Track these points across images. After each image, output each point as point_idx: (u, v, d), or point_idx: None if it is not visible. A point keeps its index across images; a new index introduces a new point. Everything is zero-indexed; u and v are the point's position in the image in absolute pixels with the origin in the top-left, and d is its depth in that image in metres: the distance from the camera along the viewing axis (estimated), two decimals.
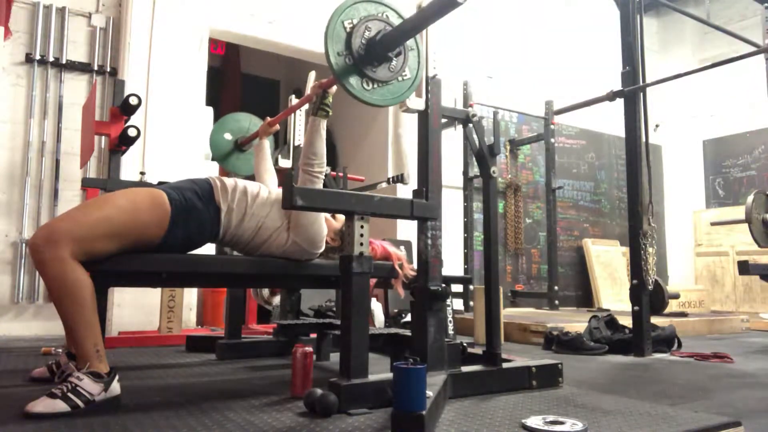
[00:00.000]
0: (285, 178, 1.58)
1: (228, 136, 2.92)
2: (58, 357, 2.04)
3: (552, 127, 5.45)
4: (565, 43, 6.35)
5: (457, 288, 4.36)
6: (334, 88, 2.00)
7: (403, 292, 2.22)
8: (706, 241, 6.78)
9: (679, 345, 3.23)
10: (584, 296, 6.08)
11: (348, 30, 1.60)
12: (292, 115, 3.06)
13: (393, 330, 2.44)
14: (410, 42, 1.73)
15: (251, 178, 2.55)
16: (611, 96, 3.53)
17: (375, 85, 1.64)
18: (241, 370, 2.37)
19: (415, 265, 2.04)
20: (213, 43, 4.70)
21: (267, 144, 2.72)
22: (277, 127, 2.75)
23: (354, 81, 1.60)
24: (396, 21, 1.70)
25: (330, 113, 2.02)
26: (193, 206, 1.88)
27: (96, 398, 1.56)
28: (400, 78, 1.69)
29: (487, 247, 2.10)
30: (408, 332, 2.21)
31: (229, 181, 2.03)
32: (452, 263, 4.48)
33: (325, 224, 2.09)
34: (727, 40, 5.29)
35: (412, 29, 1.62)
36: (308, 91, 2.60)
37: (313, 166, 1.99)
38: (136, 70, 3.87)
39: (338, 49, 1.58)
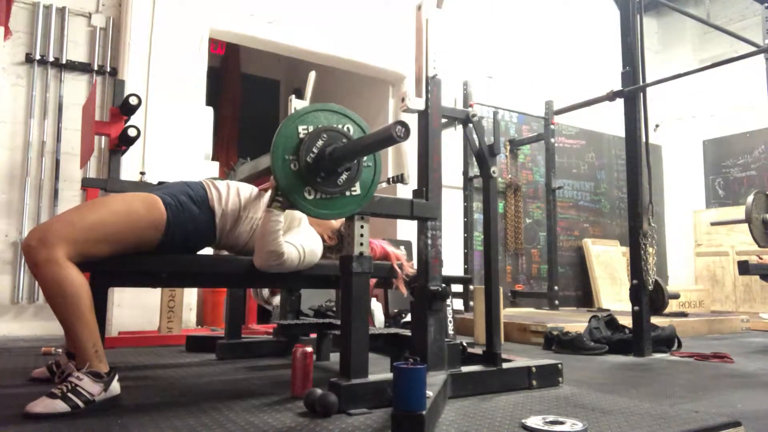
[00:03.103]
0: None
1: None
2: (58, 357, 2.04)
3: (552, 127, 5.45)
4: (565, 43, 6.35)
5: (457, 288, 4.36)
6: None
7: (405, 291, 2.22)
8: (706, 241, 6.78)
9: (679, 345, 3.23)
10: (584, 296, 6.08)
11: (301, 136, 1.54)
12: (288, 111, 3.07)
13: (393, 330, 2.44)
14: (368, 158, 1.64)
15: None
16: (611, 96, 3.53)
17: (318, 195, 1.55)
18: (241, 370, 2.37)
19: (415, 265, 2.03)
20: (213, 43, 4.70)
21: None
22: None
23: (295, 188, 1.52)
24: (356, 133, 1.63)
25: (285, 207, 1.88)
26: (189, 211, 1.88)
27: (96, 398, 1.56)
28: (348, 193, 1.60)
29: (487, 247, 2.10)
30: (408, 332, 2.21)
31: (222, 185, 2.03)
32: (452, 263, 4.48)
33: (314, 248, 2.04)
34: (727, 40, 5.30)
35: (358, 152, 1.55)
36: (308, 93, 2.59)
37: (269, 260, 1.89)
38: (136, 70, 3.87)
39: (285, 153, 1.51)
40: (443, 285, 1.84)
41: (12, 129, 3.72)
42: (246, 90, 6.93)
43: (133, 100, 2.95)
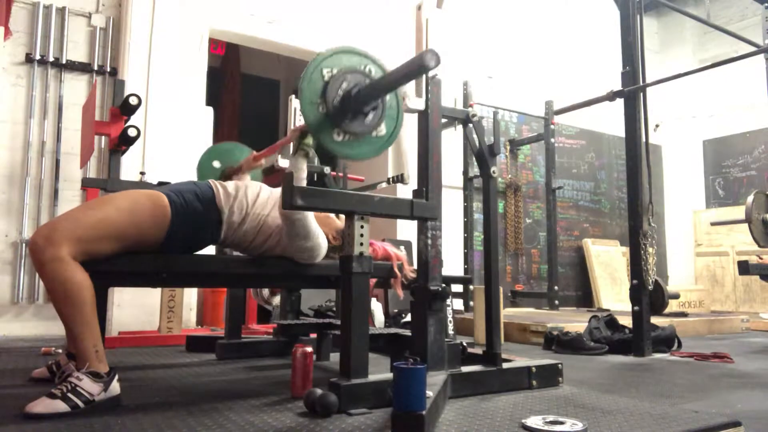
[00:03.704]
0: (284, 177, 1.58)
1: (216, 164, 2.89)
2: (58, 357, 2.04)
3: (552, 127, 5.45)
4: (565, 43, 6.35)
5: (457, 288, 4.36)
6: None
7: (402, 293, 2.22)
8: (706, 241, 6.78)
9: (679, 345, 3.23)
10: (584, 296, 6.08)
11: (326, 79, 1.56)
12: (293, 114, 3.06)
13: (393, 330, 2.44)
14: (391, 99, 1.67)
15: None
16: (611, 96, 3.53)
17: (346, 137, 1.58)
18: (241, 370, 2.37)
19: (415, 266, 2.03)
20: (213, 43, 4.70)
21: (248, 178, 2.66)
22: (263, 162, 2.70)
23: (324, 131, 1.55)
24: (378, 75, 1.65)
25: (309, 153, 1.96)
26: (194, 209, 1.89)
27: (96, 398, 1.57)
28: (374, 134, 1.64)
29: (487, 247, 2.10)
30: (408, 332, 2.21)
31: (230, 185, 2.03)
32: (452, 263, 4.47)
33: (322, 236, 2.05)
34: (727, 40, 5.29)
35: (385, 88, 1.58)
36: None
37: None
38: (136, 70, 3.88)
39: (312, 98, 1.53)
40: (443, 285, 1.84)
41: (12, 129, 3.72)
42: (246, 90, 6.93)
43: (133, 100, 2.95)
